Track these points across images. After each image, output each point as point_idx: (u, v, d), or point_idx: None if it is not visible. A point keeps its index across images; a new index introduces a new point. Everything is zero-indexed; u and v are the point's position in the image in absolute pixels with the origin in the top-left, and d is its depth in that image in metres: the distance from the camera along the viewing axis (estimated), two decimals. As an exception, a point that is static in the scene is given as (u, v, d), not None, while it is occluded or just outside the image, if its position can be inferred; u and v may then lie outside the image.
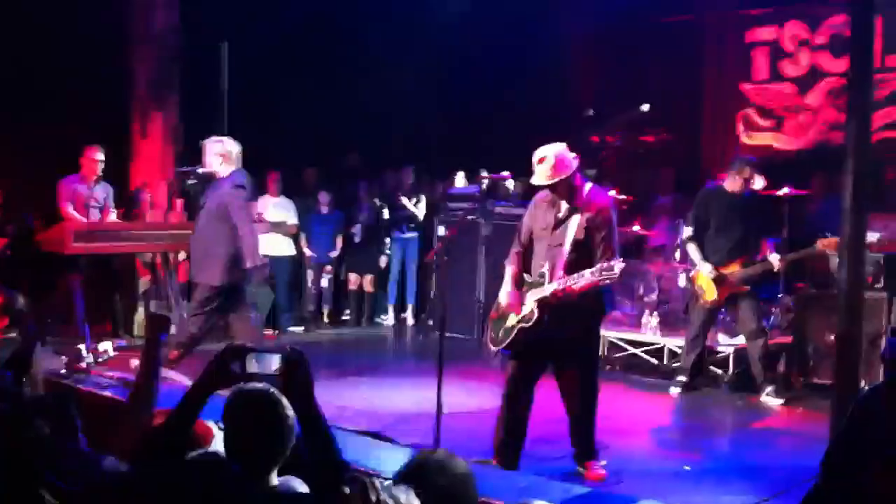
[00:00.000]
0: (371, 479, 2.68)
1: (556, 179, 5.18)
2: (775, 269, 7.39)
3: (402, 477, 2.81)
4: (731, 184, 7.44)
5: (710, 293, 7.39)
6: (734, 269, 7.34)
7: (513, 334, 5.27)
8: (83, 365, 7.06)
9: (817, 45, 10.78)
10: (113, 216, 9.01)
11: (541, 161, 5.22)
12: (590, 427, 5.37)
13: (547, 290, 5.12)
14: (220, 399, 2.90)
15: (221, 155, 6.99)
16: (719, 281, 7.34)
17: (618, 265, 4.88)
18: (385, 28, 11.18)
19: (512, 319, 5.29)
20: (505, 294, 5.38)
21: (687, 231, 7.66)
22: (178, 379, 6.26)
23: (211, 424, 3.42)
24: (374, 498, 2.58)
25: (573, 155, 5.27)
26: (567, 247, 5.14)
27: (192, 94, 10.31)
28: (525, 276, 5.36)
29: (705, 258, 7.43)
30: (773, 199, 8.18)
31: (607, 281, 4.94)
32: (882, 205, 8.43)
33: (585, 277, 4.97)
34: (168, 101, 10.54)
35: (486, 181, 9.81)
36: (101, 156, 8.77)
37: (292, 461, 2.85)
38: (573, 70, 12.28)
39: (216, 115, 8.93)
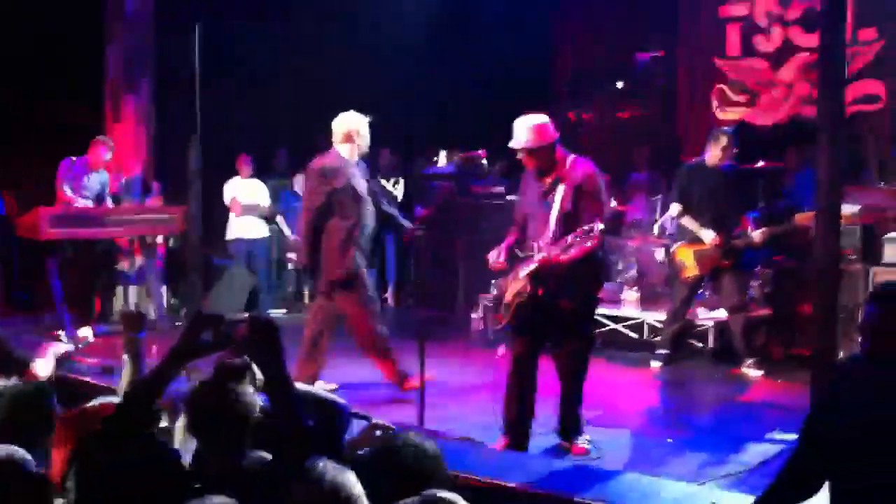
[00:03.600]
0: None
1: (534, 145, 5.18)
2: (756, 243, 7.41)
3: (371, 456, 2.81)
4: (711, 156, 7.42)
5: (692, 268, 7.41)
6: (717, 243, 7.34)
7: (511, 309, 5.25)
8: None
9: (790, 21, 10.79)
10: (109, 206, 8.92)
11: (520, 126, 5.22)
12: (578, 402, 5.38)
13: (535, 260, 5.11)
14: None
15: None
16: (701, 255, 7.36)
17: (597, 226, 4.86)
18: (360, 5, 11.11)
19: (508, 295, 5.28)
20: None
21: (675, 207, 7.56)
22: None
23: None
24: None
25: (553, 127, 5.26)
26: (554, 216, 5.12)
27: (165, 77, 10.21)
28: (517, 251, 5.32)
29: (688, 232, 7.42)
30: (749, 174, 8.20)
31: (590, 244, 4.88)
32: (857, 179, 8.51)
33: (569, 243, 4.95)
34: (141, 83, 10.44)
35: (461, 160, 9.79)
36: (108, 155, 8.78)
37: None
38: (550, 47, 12.24)
39: (189, 98, 8.84)
